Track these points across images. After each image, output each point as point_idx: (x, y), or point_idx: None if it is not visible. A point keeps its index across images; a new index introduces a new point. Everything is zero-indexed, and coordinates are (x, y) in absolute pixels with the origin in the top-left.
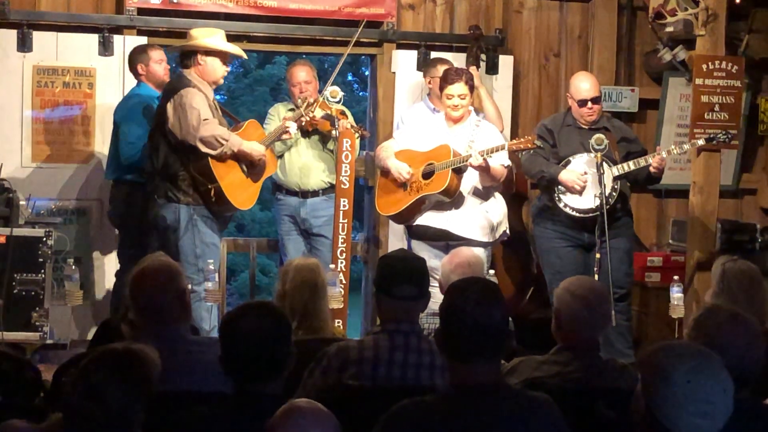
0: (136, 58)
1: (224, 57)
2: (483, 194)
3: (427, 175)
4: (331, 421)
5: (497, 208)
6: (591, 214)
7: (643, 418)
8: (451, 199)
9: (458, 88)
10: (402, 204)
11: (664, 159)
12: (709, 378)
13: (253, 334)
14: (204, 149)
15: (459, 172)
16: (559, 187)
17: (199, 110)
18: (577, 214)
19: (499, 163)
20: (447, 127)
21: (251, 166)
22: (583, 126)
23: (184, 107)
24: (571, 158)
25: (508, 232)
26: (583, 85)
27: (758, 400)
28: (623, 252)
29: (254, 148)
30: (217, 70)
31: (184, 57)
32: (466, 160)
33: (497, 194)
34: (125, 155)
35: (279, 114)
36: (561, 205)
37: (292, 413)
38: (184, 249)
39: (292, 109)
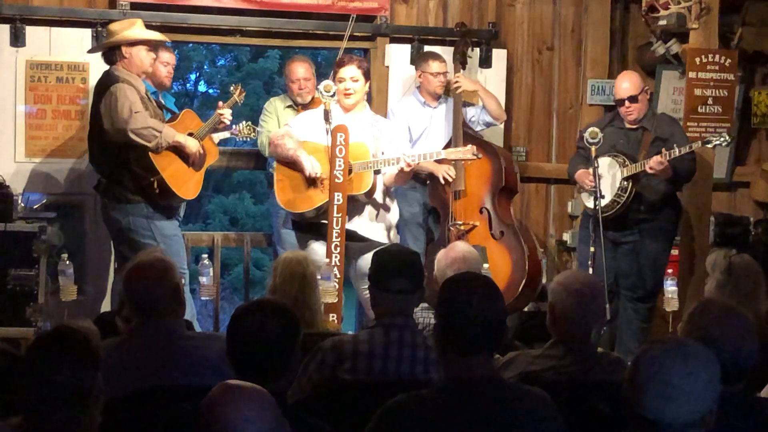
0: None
1: (148, 45)
2: (389, 195)
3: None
4: (267, 401)
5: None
6: (606, 213)
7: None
8: (369, 199)
9: (350, 70)
10: (315, 202)
11: (663, 162)
12: (676, 362)
13: (259, 333)
14: (139, 141)
15: (378, 173)
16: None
17: (130, 102)
18: (591, 212)
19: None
20: (342, 114)
21: (189, 157)
22: (629, 126)
23: (114, 103)
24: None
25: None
26: (621, 84)
27: (752, 394)
28: (650, 256)
29: (188, 142)
30: (144, 59)
31: (108, 54)
32: (390, 164)
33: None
34: None
35: (276, 109)
36: (584, 203)
37: (228, 392)
38: (147, 247)
39: (290, 106)
